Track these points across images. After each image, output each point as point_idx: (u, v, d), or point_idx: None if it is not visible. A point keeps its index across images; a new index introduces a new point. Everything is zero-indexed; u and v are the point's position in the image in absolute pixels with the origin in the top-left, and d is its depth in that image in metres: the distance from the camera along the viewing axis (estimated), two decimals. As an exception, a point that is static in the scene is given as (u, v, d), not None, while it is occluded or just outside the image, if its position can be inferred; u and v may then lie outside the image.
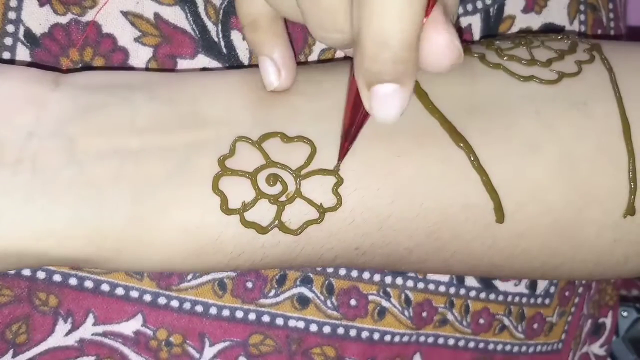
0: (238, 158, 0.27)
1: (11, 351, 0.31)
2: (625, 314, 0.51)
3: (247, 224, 0.27)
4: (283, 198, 0.27)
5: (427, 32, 0.24)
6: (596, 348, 0.46)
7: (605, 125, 0.30)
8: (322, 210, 0.27)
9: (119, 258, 0.27)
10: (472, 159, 0.28)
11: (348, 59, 0.32)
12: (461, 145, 0.28)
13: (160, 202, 0.26)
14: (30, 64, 0.30)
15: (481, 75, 0.30)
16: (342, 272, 0.34)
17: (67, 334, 0.31)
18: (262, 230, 0.27)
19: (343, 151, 0.27)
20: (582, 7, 0.38)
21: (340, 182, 0.27)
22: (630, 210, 0.30)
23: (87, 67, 0.31)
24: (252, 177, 0.27)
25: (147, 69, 0.31)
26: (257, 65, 0.30)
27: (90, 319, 0.31)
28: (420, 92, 0.29)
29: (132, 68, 0.31)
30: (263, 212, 0.27)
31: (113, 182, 0.26)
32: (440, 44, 0.24)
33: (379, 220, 0.28)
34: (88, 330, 0.32)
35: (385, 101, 0.24)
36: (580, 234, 0.30)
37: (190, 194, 0.27)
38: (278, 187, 0.27)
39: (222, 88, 0.29)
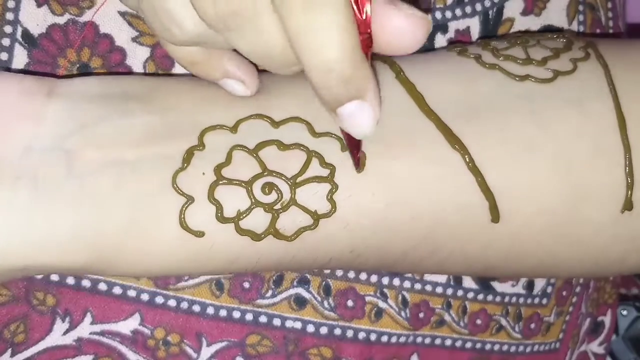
0: (234, 166, 0.27)
1: (9, 350, 0.31)
2: (625, 312, 0.51)
3: (242, 231, 0.27)
4: (278, 206, 0.27)
5: (378, 24, 0.24)
6: (595, 346, 0.46)
7: (601, 122, 0.30)
8: (316, 217, 0.27)
9: (117, 266, 0.27)
10: (467, 160, 0.28)
11: None
12: (456, 146, 0.28)
13: (157, 211, 0.27)
14: (25, 71, 0.30)
15: (477, 77, 0.30)
16: (339, 273, 0.34)
17: (65, 333, 0.31)
18: (257, 237, 0.27)
19: (356, 160, 0.27)
20: (580, 8, 0.38)
21: (335, 188, 0.27)
22: (628, 205, 0.30)
23: (85, 68, 0.31)
24: (248, 186, 0.27)
25: (144, 70, 0.31)
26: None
27: (88, 318, 0.32)
28: (416, 95, 0.29)
29: (129, 69, 0.31)
30: (258, 220, 0.27)
31: (112, 193, 0.26)
32: (398, 27, 0.24)
33: (373, 224, 0.28)
34: (86, 329, 0.32)
35: (354, 119, 0.24)
36: (577, 233, 0.30)
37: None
38: (273, 196, 0.27)
39: (220, 97, 0.28)
